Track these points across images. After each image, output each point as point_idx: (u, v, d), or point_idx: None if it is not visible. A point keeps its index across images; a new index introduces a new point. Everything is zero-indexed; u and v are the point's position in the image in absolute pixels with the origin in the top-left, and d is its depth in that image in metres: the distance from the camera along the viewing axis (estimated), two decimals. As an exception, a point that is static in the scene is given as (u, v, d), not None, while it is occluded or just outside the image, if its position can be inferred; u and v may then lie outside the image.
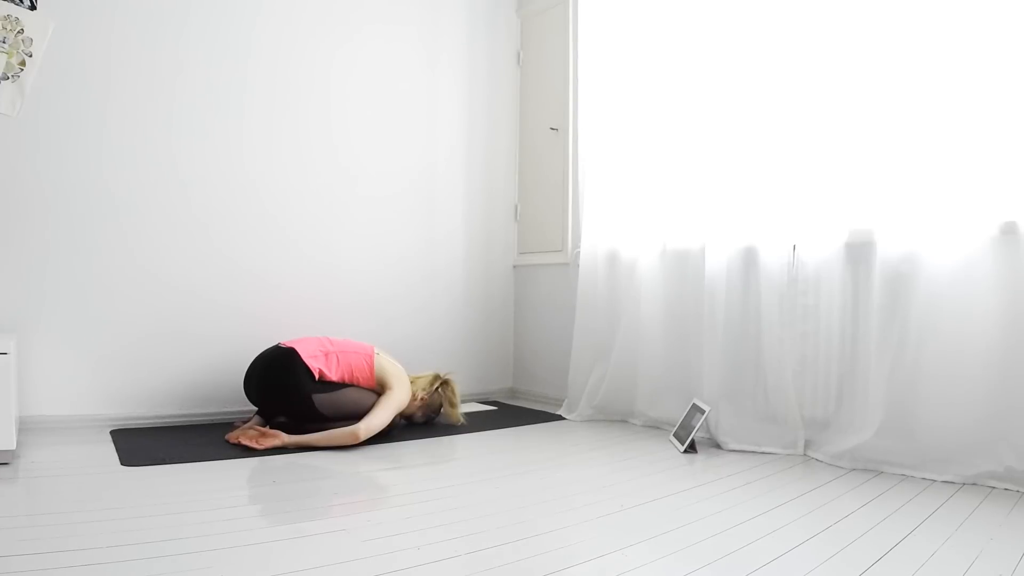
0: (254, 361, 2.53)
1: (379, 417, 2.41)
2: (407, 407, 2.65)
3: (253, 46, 2.89)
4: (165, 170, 2.69)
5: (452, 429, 2.72)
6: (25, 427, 2.41)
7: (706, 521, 1.63)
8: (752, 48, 2.57)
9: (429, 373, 2.84)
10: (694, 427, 2.40)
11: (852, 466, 2.16)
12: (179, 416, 2.70)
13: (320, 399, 2.41)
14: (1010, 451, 1.91)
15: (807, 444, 2.37)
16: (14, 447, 1.97)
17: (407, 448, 2.39)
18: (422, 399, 2.74)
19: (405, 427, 2.72)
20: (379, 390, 2.56)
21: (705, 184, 2.70)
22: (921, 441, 2.06)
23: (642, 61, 2.98)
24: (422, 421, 2.82)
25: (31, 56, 2.36)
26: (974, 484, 1.95)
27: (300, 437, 2.29)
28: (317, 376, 2.44)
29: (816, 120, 2.39)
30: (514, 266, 3.76)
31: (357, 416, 2.41)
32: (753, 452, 2.39)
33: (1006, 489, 1.90)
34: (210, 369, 2.78)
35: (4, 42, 2.31)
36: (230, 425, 2.61)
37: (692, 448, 2.40)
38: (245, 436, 2.30)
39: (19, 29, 2.33)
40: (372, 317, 3.23)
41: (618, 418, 3.01)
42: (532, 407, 3.34)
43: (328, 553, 1.36)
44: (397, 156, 3.32)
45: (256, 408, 2.61)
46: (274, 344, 2.61)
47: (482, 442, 2.52)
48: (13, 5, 2.32)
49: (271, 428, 2.39)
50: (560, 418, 3.06)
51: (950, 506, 1.76)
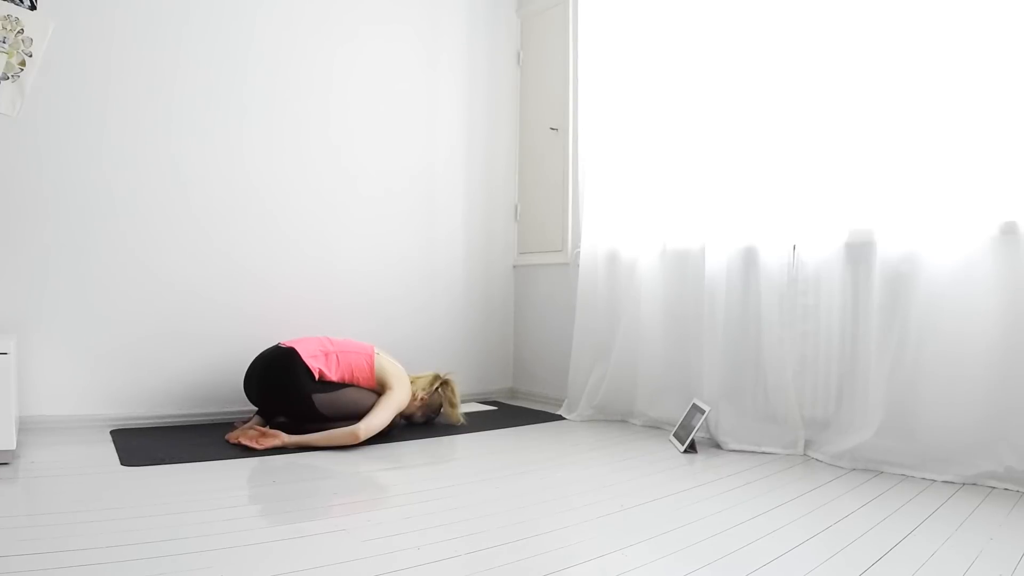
0: (254, 361, 2.53)
1: (379, 417, 2.42)
2: (407, 407, 2.65)
3: (253, 46, 2.89)
4: (165, 170, 2.70)
5: (452, 429, 2.72)
6: (25, 427, 2.41)
7: (706, 521, 1.63)
8: (752, 48, 2.57)
9: (429, 373, 2.84)
10: (694, 427, 2.40)
11: (852, 466, 2.16)
12: (179, 416, 2.70)
13: (320, 399, 2.41)
14: (1010, 451, 1.91)
15: (807, 444, 2.37)
16: (14, 447, 1.97)
17: (407, 448, 2.39)
18: (422, 399, 2.74)
19: (405, 427, 2.72)
20: (379, 390, 2.56)
21: (705, 184, 2.70)
22: (921, 441, 2.06)
23: (642, 61, 2.98)
24: (422, 421, 2.82)
25: (31, 56, 2.36)
26: (974, 484, 1.95)
27: (300, 437, 2.29)
28: (317, 376, 2.44)
29: (816, 120, 2.39)
30: (514, 266, 3.77)
31: (357, 416, 2.41)
32: (753, 452, 2.40)
33: (1006, 489, 1.90)
34: (210, 369, 2.78)
35: (4, 42, 2.31)
36: (230, 425, 2.61)
37: (692, 448, 2.40)
38: (245, 436, 2.30)
39: (19, 29, 2.33)
40: (372, 317, 3.23)
41: (618, 418, 3.01)
42: (532, 407, 3.34)
43: (328, 553, 1.36)
44: (397, 156, 3.32)
45: (256, 408, 2.61)
46: (274, 344, 2.61)
47: (482, 442, 2.52)
48: (13, 5, 2.32)
49: (271, 428, 2.39)
50: (560, 418, 3.06)
51: (950, 506, 1.76)
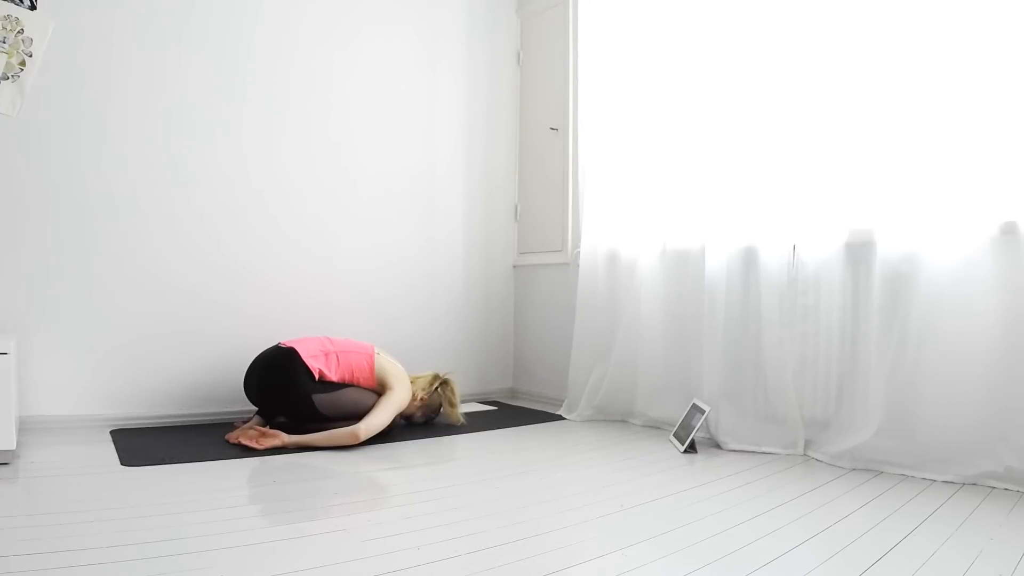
0: (254, 361, 2.53)
1: (379, 417, 2.41)
2: (407, 407, 2.65)
3: (253, 46, 2.89)
4: (165, 170, 2.69)
5: (452, 429, 2.72)
6: (25, 427, 2.41)
7: (706, 521, 1.63)
8: (752, 48, 2.57)
9: (429, 373, 2.84)
10: (694, 427, 2.40)
11: (852, 466, 2.16)
12: (179, 416, 2.70)
13: (320, 399, 2.41)
14: (1010, 451, 1.91)
15: (807, 444, 2.37)
16: (14, 447, 1.97)
17: (407, 448, 2.39)
18: (422, 399, 2.74)
19: (405, 427, 2.72)
20: (379, 390, 2.56)
21: (705, 184, 2.70)
22: (921, 441, 2.06)
23: (642, 61, 2.98)
24: (422, 421, 2.82)
25: (31, 56, 2.36)
26: (974, 484, 1.95)
27: (300, 437, 2.29)
28: (317, 376, 2.44)
29: (816, 120, 2.39)
30: (514, 266, 3.76)
31: (357, 416, 2.41)
32: (753, 452, 2.39)
33: (1006, 489, 1.90)
34: (210, 369, 2.78)
35: (4, 42, 2.31)
36: (230, 425, 2.61)
37: (692, 448, 2.40)
38: (245, 436, 2.30)
39: (19, 29, 2.33)
40: (372, 317, 3.23)
41: (618, 418, 3.01)
42: (532, 407, 3.34)
43: (328, 553, 1.36)
44: (397, 156, 3.32)
45: (256, 408, 2.61)
46: (274, 344, 2.61)
47: (482, 442, 2.52)
48: (13, 5, 2.32)
49: (271, 428, 2.39)
50: (560, 418, 3.06)
51: (950, 506, 1.76)
